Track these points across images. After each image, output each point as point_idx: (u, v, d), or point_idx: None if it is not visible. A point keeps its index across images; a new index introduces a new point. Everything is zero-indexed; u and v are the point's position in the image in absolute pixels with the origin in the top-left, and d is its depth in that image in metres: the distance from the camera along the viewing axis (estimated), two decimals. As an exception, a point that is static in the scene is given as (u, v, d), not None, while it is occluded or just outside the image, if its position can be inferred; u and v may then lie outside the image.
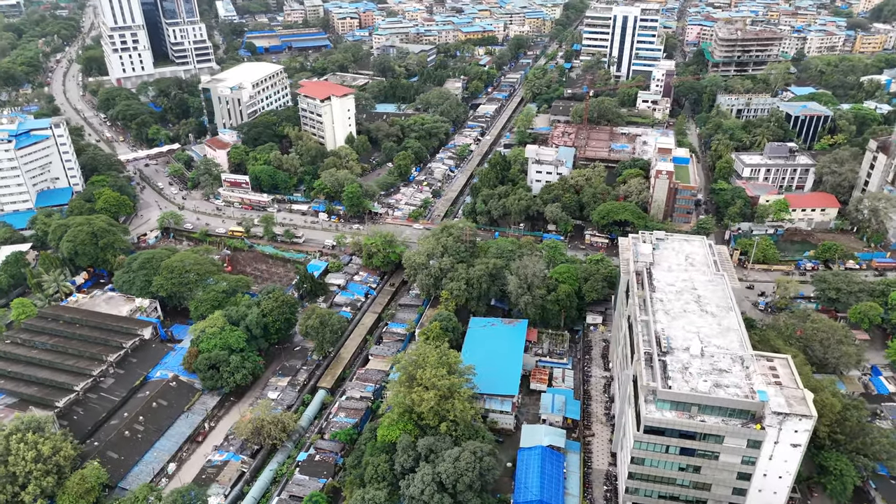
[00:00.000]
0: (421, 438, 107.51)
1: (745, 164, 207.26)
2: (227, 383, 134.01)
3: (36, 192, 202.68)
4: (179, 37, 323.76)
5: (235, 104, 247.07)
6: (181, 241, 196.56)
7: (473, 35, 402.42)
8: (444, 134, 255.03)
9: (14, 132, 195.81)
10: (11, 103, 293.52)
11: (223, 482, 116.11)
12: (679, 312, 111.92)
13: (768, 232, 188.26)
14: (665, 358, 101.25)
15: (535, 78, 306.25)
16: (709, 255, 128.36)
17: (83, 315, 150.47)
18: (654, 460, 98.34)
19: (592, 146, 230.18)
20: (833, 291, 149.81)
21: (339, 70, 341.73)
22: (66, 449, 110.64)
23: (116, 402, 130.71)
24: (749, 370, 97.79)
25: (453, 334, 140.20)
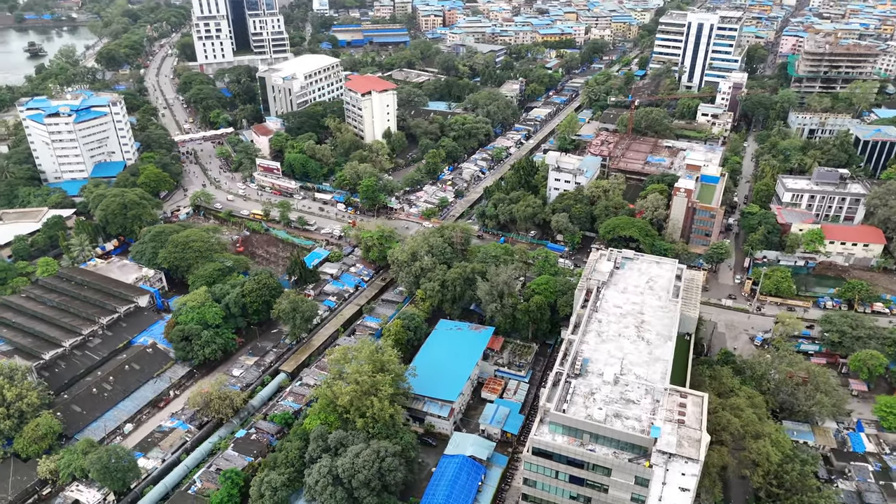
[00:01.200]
0: (336, 431, 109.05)
1: (787, 189, 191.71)
2: (197, 356, 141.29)
3: (93, 163, 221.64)
4: (259, 27, 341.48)
5: (286, 93, 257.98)
6: (209, 219, 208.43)
7: (551, 37, 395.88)
8: (485, 135, 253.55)
9: (75, 107, 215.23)
10: (104, 82, 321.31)
11: (164, 448, 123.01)
12: (612, 336, 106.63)
13: (797, 263, 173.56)
14: (574, 380, 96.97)
15: (595, 84, 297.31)
16: (673, 280, 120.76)
17: (92, 278, 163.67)
18: (546, 484, 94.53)
19: (629, 157, 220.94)
20: (836, 334, 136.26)
21: (406, 66, 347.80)
22: (31, 397, 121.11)
23: (96, 361, 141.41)
24: (658, 404, 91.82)
25: (415, 334, 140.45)
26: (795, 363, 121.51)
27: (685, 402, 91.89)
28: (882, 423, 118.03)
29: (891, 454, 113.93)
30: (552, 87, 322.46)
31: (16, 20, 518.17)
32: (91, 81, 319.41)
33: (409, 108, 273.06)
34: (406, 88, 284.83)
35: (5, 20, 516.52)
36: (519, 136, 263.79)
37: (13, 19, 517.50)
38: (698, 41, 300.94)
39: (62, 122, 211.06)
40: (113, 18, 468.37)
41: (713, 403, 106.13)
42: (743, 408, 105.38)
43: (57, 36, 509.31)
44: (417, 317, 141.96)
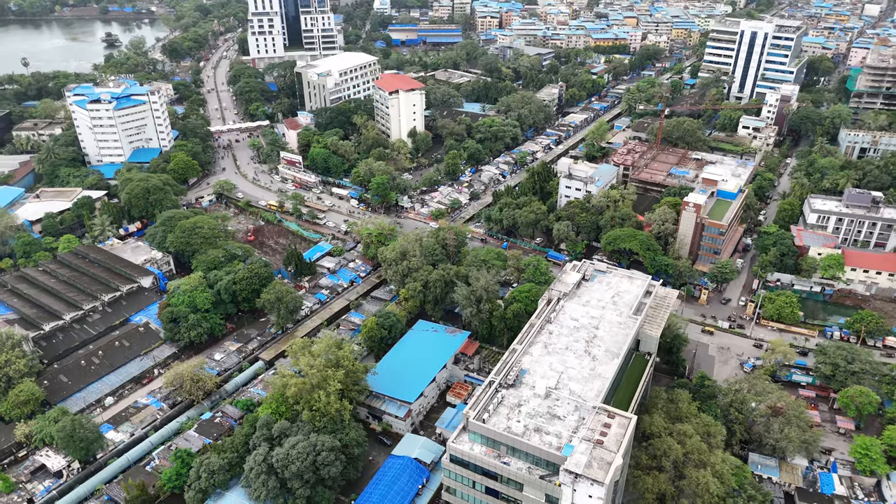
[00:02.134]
0: (282, 421, 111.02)
1: (813, 209, 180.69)
2: (184, 337, 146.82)
3: (131, 148, 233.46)
4: (310, 24, 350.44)
5: (321, 89, 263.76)
6: (230, 207, 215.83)
7: (604, 42, 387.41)
8: (511, 138, 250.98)
9: (116, 95, 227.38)
10: (161, 73, 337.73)
11: (135, 423, 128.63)
12: (559, 349, 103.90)
13: (812, 289, 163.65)
14: (505, 391, 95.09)
15: (637, 91, 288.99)
16: (640, 297, 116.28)
17: (104, 257, 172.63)
18: (464, 493, 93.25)
19: (652, 168, 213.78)
20: (829, 367, 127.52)
21: (451, 67, 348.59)
22: (18, 364, 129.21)
23: (92, 336, 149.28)
24: (582, 422, 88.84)
25: (389, 333, 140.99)
26: (768, 392, 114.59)
27: (611, 422, 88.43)
28: (857, 465, 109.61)
29: (862, 500, 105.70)
30: (596, 93, 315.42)
31: (101, 12, 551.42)
32: (151, 71, 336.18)
33: (442, 109, 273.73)
34: (442, 89, 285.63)
35: (92, 12, 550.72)
36: (549, 141, 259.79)
37: (98, 11, 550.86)
38: (751, 50, 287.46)
39: (103, 108, 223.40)
40: (185, 13, 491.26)
41: (658, 427, 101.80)
42: (690, 434, 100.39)
43: (137, 28, 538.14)
44: (393, 315, 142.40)
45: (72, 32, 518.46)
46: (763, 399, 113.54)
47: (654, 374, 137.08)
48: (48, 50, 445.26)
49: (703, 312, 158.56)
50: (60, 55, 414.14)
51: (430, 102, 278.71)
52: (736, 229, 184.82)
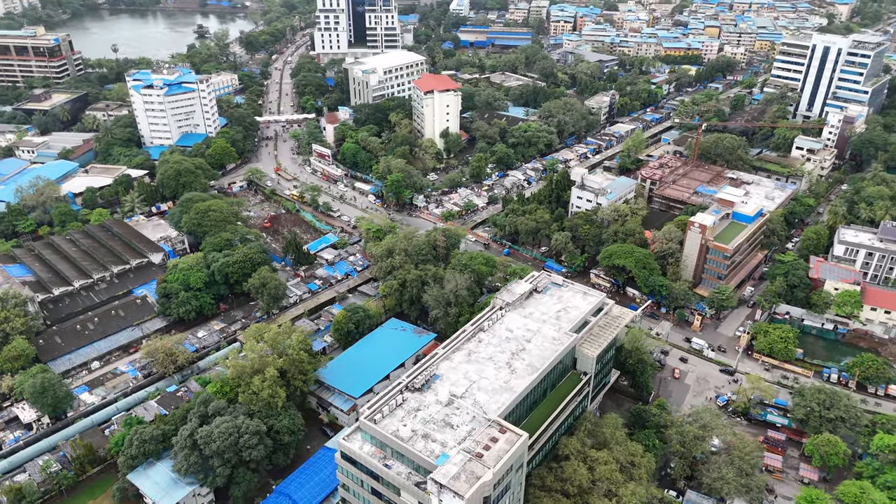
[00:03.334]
0: (218, 401, 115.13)
1: (841, 241, 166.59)
2: (173, 313, 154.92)
3: (180, 132, 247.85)
4: (373, 22, 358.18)
5: (364, 86, 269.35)
6: (257, 194, 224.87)
7: (675, 52, 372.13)
8: (545, 144, 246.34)
9: (168, 81, 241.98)
10: (231, 63, 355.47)
11: (108, 388, 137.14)
12: (482, 358, 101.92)
13: (824, 326, 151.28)
14: (410, 394, 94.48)
15: (691, 104, 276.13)
16: (586, 314, 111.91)
17: (125, 231, 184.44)
18: (355, 492, 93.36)
19: (680, 185, 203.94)
20: (803, 410, 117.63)
21: (509, 70, 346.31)
22: (15, 322, 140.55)
23: (94, 303, 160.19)
24: (472, 433, 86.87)
25: (357, 327, 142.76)
26: (714, 427, 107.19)
27: (499, 437, 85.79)
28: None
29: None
30: (652, 104, 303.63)
31: (200, 5, 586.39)
32: (222, 62, 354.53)
33: (484, 111, 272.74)
34: (487, 91, 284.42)
35: (192, 4, 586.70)
36: (587, 150, 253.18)
37: (198, 4, 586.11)
38: (822, 67, 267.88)
39: (155, 93, 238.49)
40: (272, 8, 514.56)
41: (571, 450, 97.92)
42: (604, 462, 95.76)
43: (231, 21, 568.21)
44: (363, 311, 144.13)
45: (172, 23, 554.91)
46: (708, 434, 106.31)
47: (619, 397, 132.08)
48: (146, 38, 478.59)
49: (690, 338, 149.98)
50: (153, 44, 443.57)
51: (473, 104, 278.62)
52: (754, 255, 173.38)
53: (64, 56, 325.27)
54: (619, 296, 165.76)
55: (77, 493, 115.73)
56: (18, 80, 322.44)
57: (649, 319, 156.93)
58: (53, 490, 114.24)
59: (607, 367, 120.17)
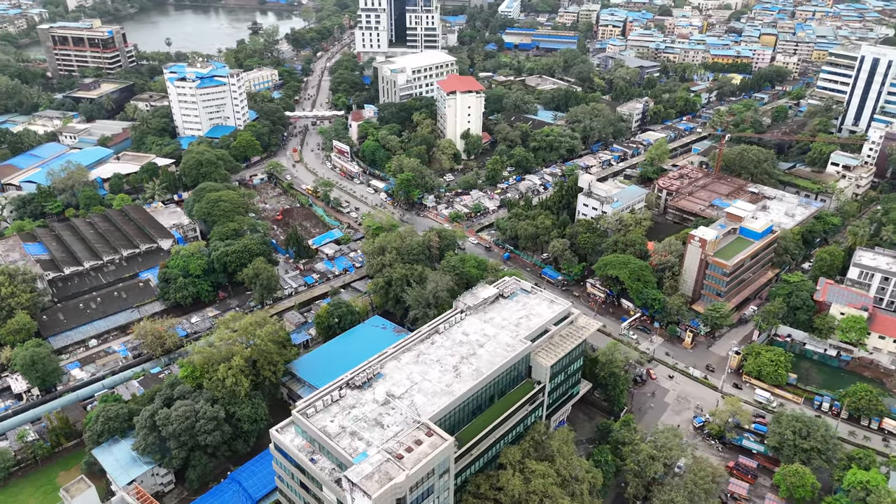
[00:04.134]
0: (183, 385, 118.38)
1: (856, 264, 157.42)
2: (171, 297, 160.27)
3: (210, 124, 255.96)
4: (414, 22, 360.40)
5: (392, 84, 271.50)
6: (276, 187, 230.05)
7: (723, 59, 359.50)
8: (567, 149, 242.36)
9: (201, 75, 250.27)
10: (275, 59, 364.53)
11: (98, 365, 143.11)
12: (430, 360, 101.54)
13: (826, 352, 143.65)
14: (349, 391, 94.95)
15: (727, 114, 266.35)
16: (547, 323, 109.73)
17: (141, 217, 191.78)
18: (287, 482, 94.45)
19: (697, 196, 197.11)
20: (776, 437, 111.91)
21: (546, 73, 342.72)
22: (21, 297, 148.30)
23: (101, 284, 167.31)
24: (399, 434, 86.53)
25: (339, 322, 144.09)
26: (670, 448, 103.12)
27: (424, 440, 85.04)
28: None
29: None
30: (691, 112, 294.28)
31: (259, 2, 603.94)
32: (265, 58, 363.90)
33: (511, 114, 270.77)
34: (516, 94, 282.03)
35: (252, 1, 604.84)
36: (611, 157, 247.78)
37: (257, 1, 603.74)
38: (871, 79, 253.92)
39: (187, 86, 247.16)
40: (325, 6, 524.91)
41: (509, 460, 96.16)
42: (541, 475, 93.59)
43: (288, 18, 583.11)
44: (345, 306, 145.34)
45: (232, 19, 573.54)
46: (663, 455, 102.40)
47: (591, 410, 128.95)
48: (203, 33, 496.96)
49: (678, 355, 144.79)
50: (208, 39, 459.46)
51: (501, 107, 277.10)
52: (763, 274, 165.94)
53: (117, 48, 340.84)
54: (613, 307, 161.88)
55: (51, 463, 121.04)
56: (74, 70, 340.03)
57: (641, 333, 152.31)
58: (29, 459, 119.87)
59: (573, 377, 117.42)
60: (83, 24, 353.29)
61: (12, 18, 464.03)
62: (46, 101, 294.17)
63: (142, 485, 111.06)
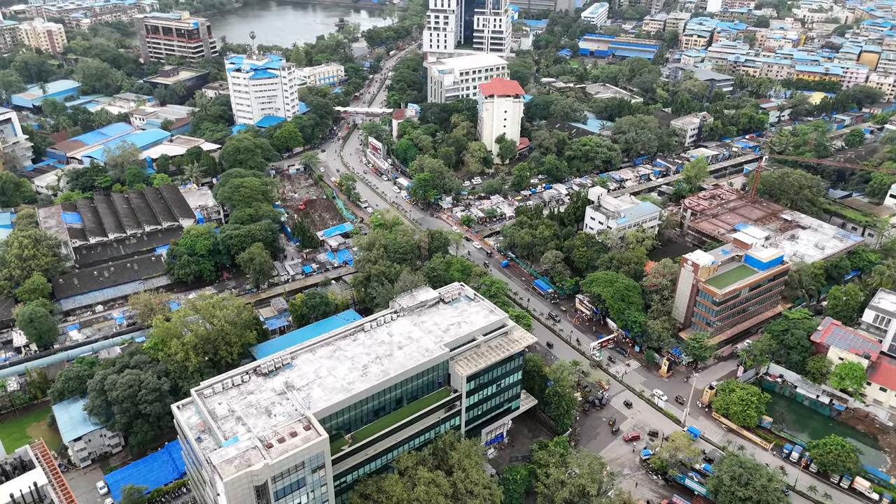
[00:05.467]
0: (142, 355, 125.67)
1: (873, 307, 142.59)
2: (176, 274, 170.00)
3: (262, 114, 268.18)
4: (481, 25, 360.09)
5: (438, 85, 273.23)
6: (308, 178, 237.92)
7: (809, 76, 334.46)
8: (605, 161, 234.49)
9: (255, 66, 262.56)
10: (345, 55, 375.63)
11: (94, 329, 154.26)
12: (345, 357, 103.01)
13: (818, 398, 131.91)
14: (251, 377, 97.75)
15: (789, 134, 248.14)
16: (476, 331, 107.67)
17: (172, 196, 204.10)
18: (186, 456, 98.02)
19: (722, 219, 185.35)
20: (713, 482, 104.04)
21: (610, 82, 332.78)
22: (41, 260, 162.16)
23: (120, 255, 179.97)
24: (280, 424, 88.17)
25: (312, 312, 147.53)
26: (580, 476, 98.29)
27: (300, 434, 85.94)
28: None
29: None
30: (756, 131, 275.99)
31: (353, 0, 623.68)
32: (333, 53, 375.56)
33: (556, 121, 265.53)
34: (566, 101, 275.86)
35: (346, 1, 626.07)
36: (651, 172, 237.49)
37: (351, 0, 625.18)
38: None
39: (241, 77, 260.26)
40: (410, 6, 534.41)
41: (400, 465, 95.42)
42: (426, 483, 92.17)
43: (377, 16, 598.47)
44: (319, 297, 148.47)
45: (328, 15, 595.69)
46: (573, 483, 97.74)
47: (539, 427, 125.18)
48: (291, 28, 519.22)
49: (651, 382, 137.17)
50: (293, 34, 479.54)
51: (548, 113, 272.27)
52: (768, 307, 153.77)
53: (200, 38, 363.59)
54: (598, 325, 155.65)
55: (28, 413, 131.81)
56: (162, 57, 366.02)
57: (618, 356, 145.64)
58: (9, 407, 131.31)
59: (509, 391, 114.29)
60: (173, 16, 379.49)
61: (125, 8, 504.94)
62: (128, 84, 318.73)
63: (89, 444, 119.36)
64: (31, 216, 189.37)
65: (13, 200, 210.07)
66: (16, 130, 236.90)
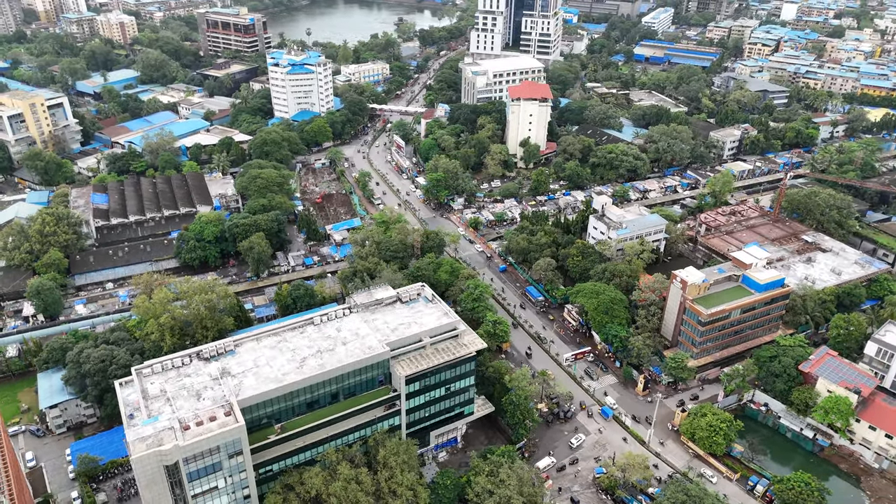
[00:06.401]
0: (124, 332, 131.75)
1: (876, 339, 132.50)
2: (183, 258, 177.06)
3: (298, 108, 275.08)
4: (529, 27, 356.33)
5: (471, 86, 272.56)
6: (332, 172, 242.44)
7: (875, 91, 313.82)
8: (630, 170, 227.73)
9: (293, 61, 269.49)
10: (390, 54, 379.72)
11: (99, 305, 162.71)
12: (287, 348, 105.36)
13: (802, 431, 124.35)
14: (193, 361, 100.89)
15: (834, 152, 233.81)
16: (424, 333, 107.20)
17: (196, 183, 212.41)
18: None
19: (736, 237, 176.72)
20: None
21: (657, 90, 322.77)
22: (60, 236, 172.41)
23: (136, 236, 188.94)
24: (203, 408, 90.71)
25: (294, 303, 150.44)
26: (508, 486, 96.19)
27: (219, 419, 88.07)
28: None
29: None
30: (804, 146, 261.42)
31: (417, 0, 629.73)
32: (385, 51, 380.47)
33: (588, 127, 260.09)
34: (600, 107, 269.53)
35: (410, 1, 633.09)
36: (678, 183, 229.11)
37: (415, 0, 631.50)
38: None
39: (279, 71, 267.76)
40: (470, 6, 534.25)
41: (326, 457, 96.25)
42: (346, 479, 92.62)
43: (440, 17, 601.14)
44: (304, 288, 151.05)
45: (392, 14, 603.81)
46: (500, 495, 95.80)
47: (496, 435, 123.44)
48: (352, 26, 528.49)
49: (625, 400, 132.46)
50: (352, 32, 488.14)
51: (581, 118, 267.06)
52: (767, 331, 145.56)
53: (255, 34, 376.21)
54: (582, 337, 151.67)
55: (23, 379, 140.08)
56: (220, 50, 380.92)
57: (597, 370, 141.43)
58: (5, 371, 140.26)
59: (460, 395, 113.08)
60: (231, 11, 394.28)
61: (198, 3, 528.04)
62: (182, 75, 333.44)
63: (65, 412, 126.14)
64: (65, 195, 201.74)
65: (55, 180, 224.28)
66: (67, 114, 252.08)
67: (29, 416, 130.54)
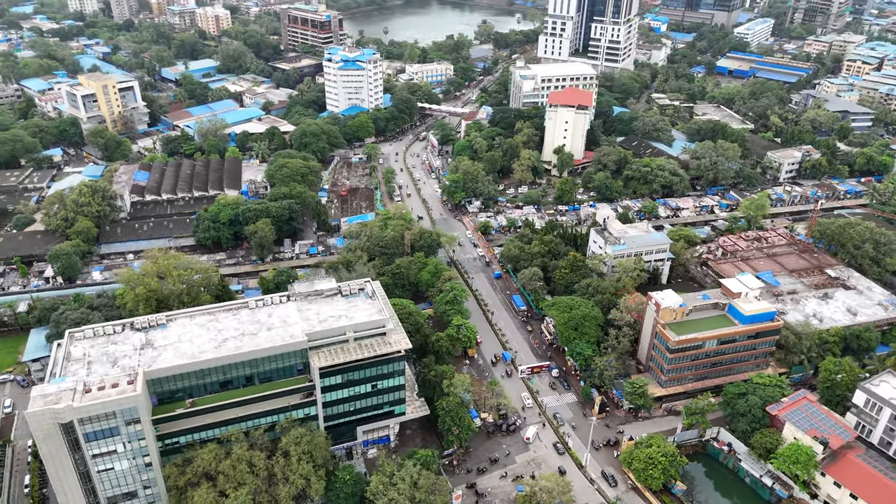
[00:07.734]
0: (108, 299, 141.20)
1: (864, 388, 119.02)
2: (198, 237, 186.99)
3: (348, 103, 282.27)
4: (598, 34, 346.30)
5: (518, 90, 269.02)
6: (366, 167, 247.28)
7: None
8: (664, 185, 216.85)
9: (345, 58, 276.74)
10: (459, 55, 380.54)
11: (113, 273, 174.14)
12: (214, 328, 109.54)
13: (761, 478, 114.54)
14: (125, 330, 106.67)
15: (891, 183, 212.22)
16: (349, 327, 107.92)
17: (232, 168, 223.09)
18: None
19: (749, 264, 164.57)
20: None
21: (725, 104, 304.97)
22: (92, 206, 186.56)
23: (164, 213, 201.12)
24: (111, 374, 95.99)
25: (278, 288, 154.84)
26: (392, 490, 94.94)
27: (119, 387, 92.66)
28: None
29: None
30: (876, 174, 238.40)
31: (507, 3, 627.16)
32: (454, 52, 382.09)
33: (634, 138, 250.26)
34: (651, 119, 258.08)
35: (501, 2, 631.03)
36: (715, 204, 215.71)
37: (506, 2, 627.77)
38: None
39: (332, 67, 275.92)
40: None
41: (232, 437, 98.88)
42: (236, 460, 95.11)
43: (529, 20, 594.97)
44: (288, 275, 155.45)
45: (480, 16, 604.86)
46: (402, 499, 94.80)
47: (433, 438, 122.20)
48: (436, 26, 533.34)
49: (579, 421, 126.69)
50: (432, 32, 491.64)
51: (630, 129, 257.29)
52: (755, 366, 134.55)
53: (331, 30, 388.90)
54: (554, 351, 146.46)
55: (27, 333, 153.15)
56: (298, 45, 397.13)
57: (560, 385, 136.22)
58: (14, 324, 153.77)
59: (389, 393, 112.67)
60: (310, 7, 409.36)
61: (291, 0, 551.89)
62: (255, 66, 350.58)
63: (46, 367, 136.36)
64: (116, 171, 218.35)
65: (114, 156, 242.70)
66: (136, 97, 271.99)
67: (21, 368, 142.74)
